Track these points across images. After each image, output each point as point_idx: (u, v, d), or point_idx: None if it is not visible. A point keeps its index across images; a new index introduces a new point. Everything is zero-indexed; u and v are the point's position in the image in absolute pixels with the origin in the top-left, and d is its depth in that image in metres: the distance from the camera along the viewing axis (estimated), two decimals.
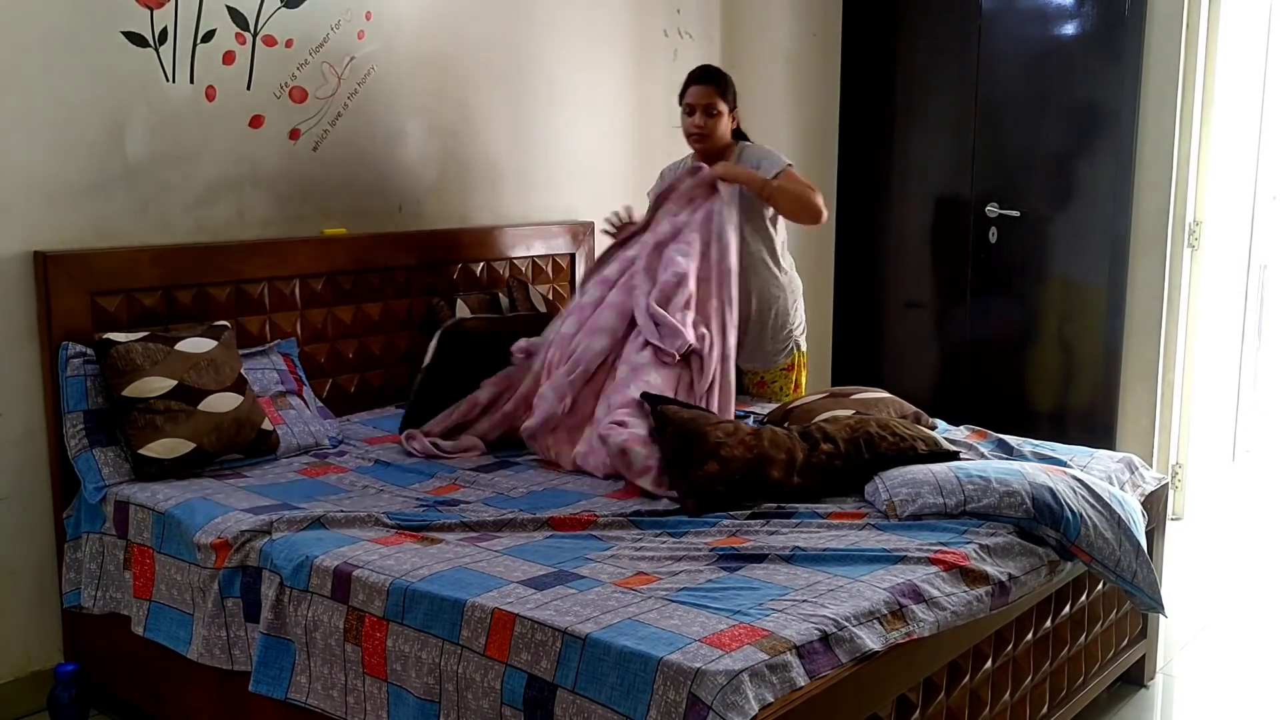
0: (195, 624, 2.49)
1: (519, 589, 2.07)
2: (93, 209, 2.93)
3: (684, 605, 1.99)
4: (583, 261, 4.22)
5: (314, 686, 2.25)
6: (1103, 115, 4.20)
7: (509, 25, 3.93)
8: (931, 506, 2.45)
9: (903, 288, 4.88)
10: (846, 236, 4.96)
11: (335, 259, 3.43)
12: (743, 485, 2.57)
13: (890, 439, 2.72)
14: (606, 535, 2.40)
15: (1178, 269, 4.14)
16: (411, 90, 3.65)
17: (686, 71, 3.63)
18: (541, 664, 1.89)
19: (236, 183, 3.23)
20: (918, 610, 2.06)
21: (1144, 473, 3.00)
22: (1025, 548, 2.39)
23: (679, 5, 4.57)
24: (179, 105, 3.07)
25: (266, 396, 3.06)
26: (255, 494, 2.67)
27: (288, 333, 3.33)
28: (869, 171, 4.89)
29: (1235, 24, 4.22)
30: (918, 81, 4.77)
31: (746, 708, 1.71)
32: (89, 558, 2.78)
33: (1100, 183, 4.23)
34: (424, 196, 3.74)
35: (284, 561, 2.31)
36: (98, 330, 2.89)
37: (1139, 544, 2.56)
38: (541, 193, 4.14)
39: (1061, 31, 4.31)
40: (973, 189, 4.55)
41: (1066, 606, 2.63)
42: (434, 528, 2.43)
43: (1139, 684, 3.07)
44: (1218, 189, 4.27)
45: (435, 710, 2.03)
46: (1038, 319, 4.48)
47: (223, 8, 3.13)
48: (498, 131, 3.95)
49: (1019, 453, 3.00)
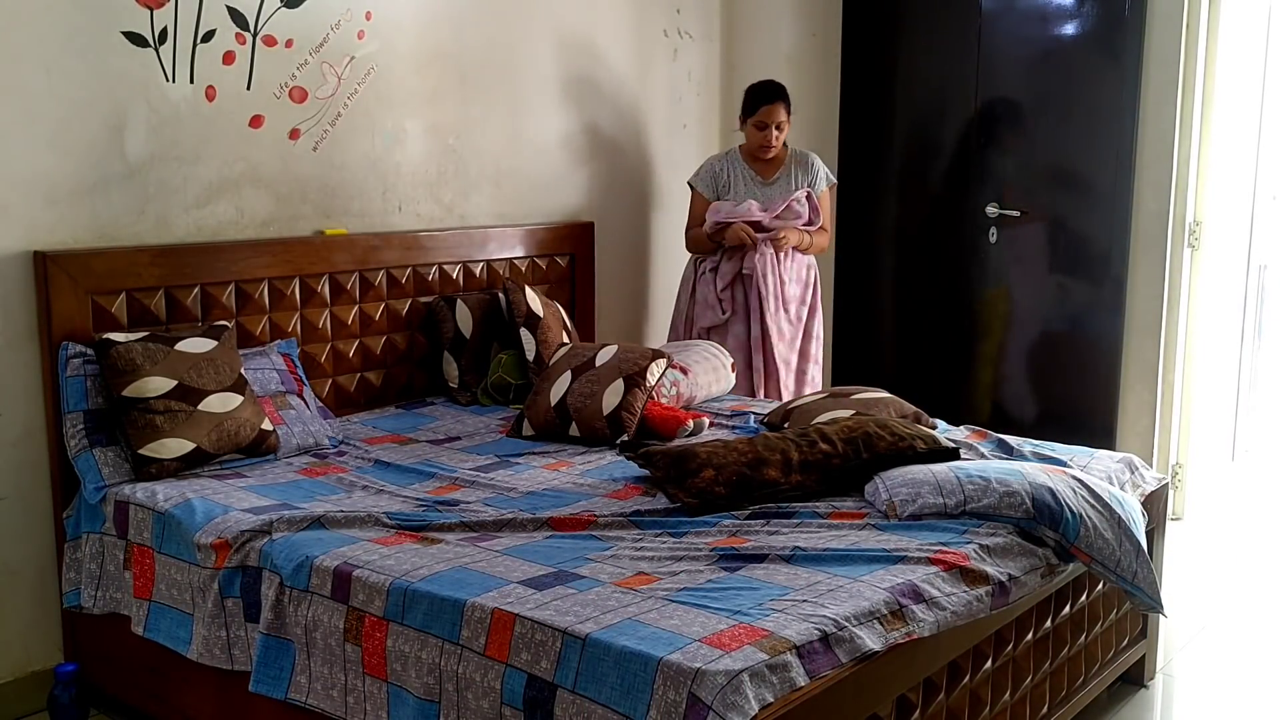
0: (195, 624, 2.49)
1: (519, 589, 2.07)
2: (93, 209, 2.93)
3: (684, 605, 1.99)
4: (582, 262, 4.22)
5: (314, 686, 2.25)
6: (1103, 115, 4.20)
7: (509, 25, 3.93)
8: (931, 506, 2.46)
9: (903, 288, 4.88)
10: (847, 236, 4.96)
11: (335, 259, 3.43)
12: (741, 485, 2.58)
13: (889, 438, 2.72)
14: (606, 535, 2.40)
15: (1178, 269, 4.14)
16: (411, 90, 3.65)
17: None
18: (541, 664, 1.89)
19: (236, 182, 3.23)
20: (918, 610, 2.06)
21: (1144, 473, 3.00)
22: (1025, 548, 2.39)
23: (679, 5, 4.57)
24: (179, 105, 3.07)
25: (266, 396, 3.06)
26: (255, 494, 2.66)
27: (288, 333, 3.33)
28: (869, 171, 4.89)
29: (1235, 24, 4.22)
30: (918, 81, 4.77)
31: (746, 708, 1.71)
32: (89, 558, 2.78)
33: (1100, 183, 4.23)
34: (424, 196, 3.74)
35: (284, 561, 2.31)
36: (98, 330, 2.89)
37: (1139, 544, 2.56)
38: (541, 193, 4.14)
39: (1061, 31, 4.30)
40: (973, 189, 4.55)
41: (1066, 606, 2.63)
42: (434, 528, 2.43)
43: (1139, 684, 3.07)
44: (1218, 189, 4.27)
45: (435, 710, 2.03)
46: (1037, 319, 4.48)
47: (223, 8, 3.13)
48: (497, 131, 3.95)
49: (1019, 453, 3.00)
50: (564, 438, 3.22)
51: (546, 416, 3.25)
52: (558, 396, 3.26)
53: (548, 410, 3.25)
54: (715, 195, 4.11)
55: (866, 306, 4.99)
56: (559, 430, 3.23)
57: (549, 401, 3.26)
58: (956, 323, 4.68)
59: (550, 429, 3.24)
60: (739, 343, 4.06)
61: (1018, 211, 4.44)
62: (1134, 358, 4.21)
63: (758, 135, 3.99)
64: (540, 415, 3.26)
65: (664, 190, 4.64)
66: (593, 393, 3.22)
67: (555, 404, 3.25)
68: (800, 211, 4.02)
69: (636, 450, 2.82)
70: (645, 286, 4.66)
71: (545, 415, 3.25)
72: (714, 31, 4.76)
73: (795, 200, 4.00)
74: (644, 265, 4.64)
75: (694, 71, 4.67)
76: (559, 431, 3.23)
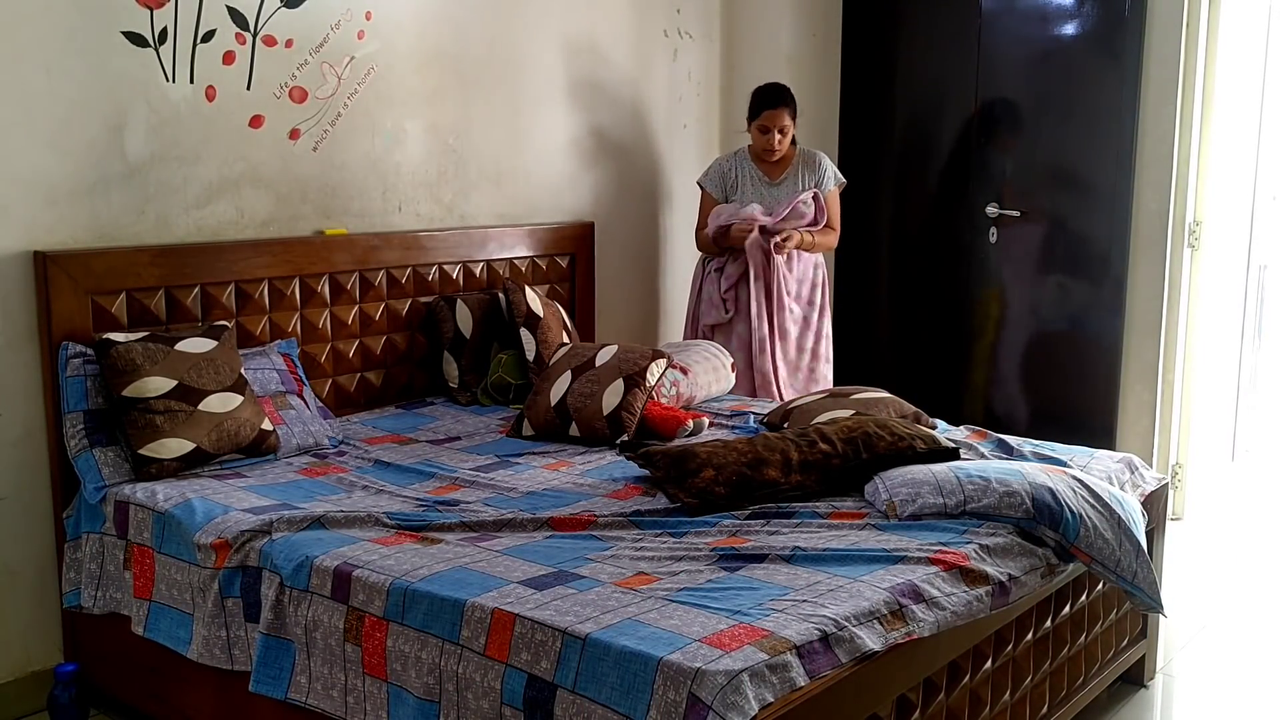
0: (195, 624, 2.49)
1: (519, 589, 2.07)
2: (93, 209, 2.93)
3: (684, 605, 1.99)
4: (582, 262, 4.22)
5: (314, 686, 2.25)
6: (1103, 115, 4.20)
7: (509, 25, 3.93)
8: (931, 506, 2.46)
9: (903, 288, 4.88)
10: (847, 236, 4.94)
11: (335, 259, 3.43)
12: (741, 485, 2.58)
13: (889, 438, 2.72)
14: (606, 535, 2.40)
15: (1178, 269, 4.14)
16: (411, 90, 3.65)
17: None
18: (541, 664, 1.89)
19: (236, 182, 3.23)
20: (918, 610, 2.06)
21: (1144, 473, 3.00)
22: (1025, 548, 2.39)
23: (679, 5, 4.57)
24: (179, 105, 3.07)
25: (266, 396, 3.06)
26: (255, 494, 2.66)
27: (288, 333, 3.33)
28: (869, 171, 4.89)
29: (1235, 24, 4.22)
30: (918, 82, 4.77)
31: (746, 708, 1.71)
32: (89, 558, 2.78)
33: (1100, 183, 4.23)
34: (424, 196, 3.74)
35: (284, 561, 2.31)
36: (98, 330, 2.89)
37: (1139, 544, 2.56)
38: (541, 193, 4.14)
39: (1061, 31, 4.30)
40: (972, 189, 4.55)
41: (1066, 606, 2.63)
42: (434, 528, 2.43)
43: (1139, 684, 3.07)
44: (1218, 189, 4.27)
45: (435, 710, 2.03)
46: (1037, 319, 4.48)
47: (223, 8, 3.13)
48: (497, 131, 3.95)
49: (1019, 453, 3.00)
50: (564, 438, 3.22)
51: (546, 416, 3.25)
52: (558, 396, 3.26)
53: (547, 410, 3.25)
54: (724, 195, 4.13)
55: (866, 306, 4.99)
56: (559, 430, 3.23)
57: (549, 401, 3.26)
58: (956, 322, 4.68)
59: (550, 429, 3.24)
60: (741, 342, 4.07)
61: (1017, 211, 4.44)
62: (1134, 358, 4.21)
63: (761, 138, 4.01)
64: (540, 415, 3.26)
65: (665, 190, 4.64)
66: (592, 393, 3.22)
67: (555, 404, 3.25)
68: (805, 213, 4.03)
69: (636, 450, 2.82)
70: (646, 286, 4.65)
71: (545, 415, 3.25)
72: (714, 31, 4.76)
73: (801, 201, 4.00)
74: (644, 265, 4.64)
75: (694, 71, 4.67)
76: (559, 431, 3.23)
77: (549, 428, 3.24)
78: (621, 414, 3.18)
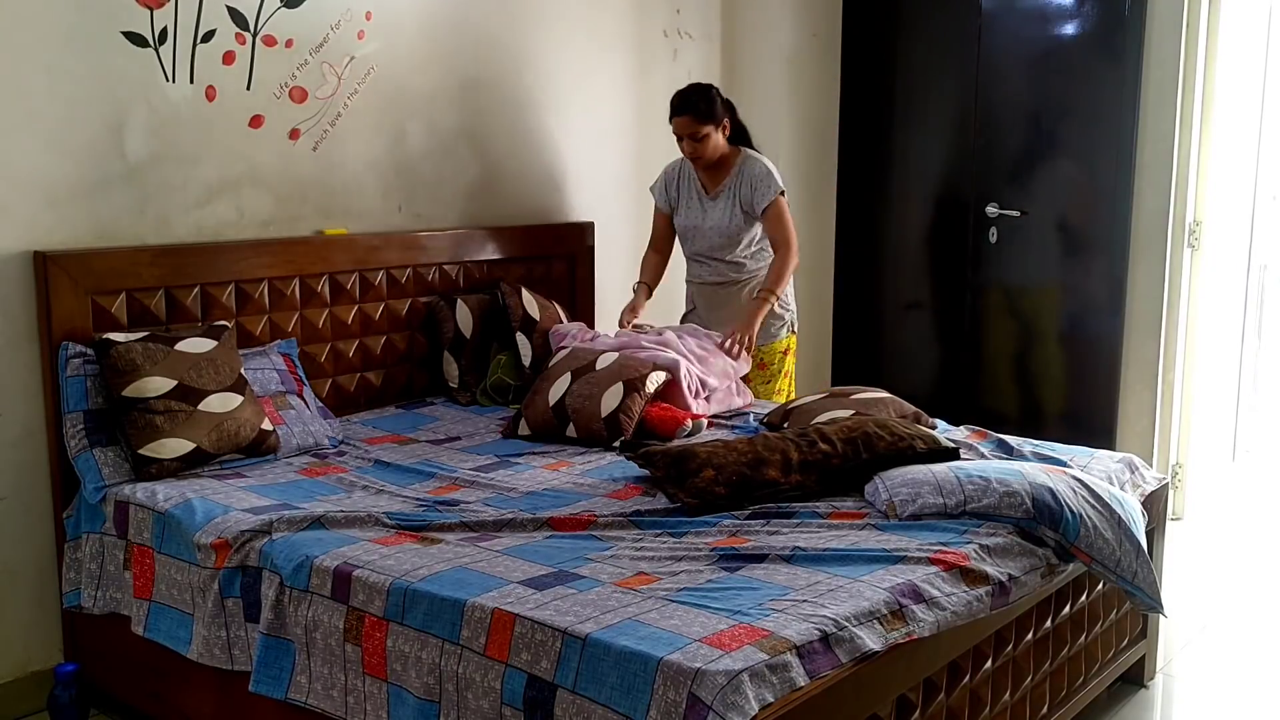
0: (195, 624, 2.49)
1: (519, 589, 2.07)
2: (92, 209, 2.93)
3: (684, 605, 1.99)
4: (582, 262, 4.22)
5: (314, 686, 2.25)
6: (1103, 115, 4.20)
7: (509, 25, 3.93)
8: (931, 506, 2.45)
9: (902, 288, 4.88)
10: (846, 237, 4.96)
11: (335, 259, 3.43)
12: (741, 485, 2.58)
13: (889, 438, 2.72)
14: (606, 535, 2.40)
15: (1178, 269, 4.14)
16: (411, 90, 3.65)
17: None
18: (541, 664, 1.89)
19: (236, 182, 3.23)
20: (918, 610, 2.06)
21: (1144, 473, 3.00)
22: (1025, 548, 2.39)
23: (679, 5, 4.57)
24: (179, 105, 3.07)
25: (266, 396, 3.06)
26: (255, 494, 2.66)
27: (288, 333, 3.33)
28: (869, 171, 4.89)
29: (1235, 24, 4.22)
30: (918, 81, 4.77)
31: (746, 708, 1.71)
32: (89, 558, 2.78)
33: (1100, 183, 4.23)
34: (424, 196, 3.74)
35: (284, 561, 2.31)
36: (98, 330, 2.89)
37: (1139, 544, 2.56)
38: (541, 193, 4.14)
39: (1061, 31, 4.30)
40: (973, 189, 4.55)
41: (1066, 607, 2.63)
42: (434, 528, 2.43)
43: (1139, 684, 3.07)
44: (1218, 189, 4.27)
45: (435, 710, 2.03)
46: (1037, 319, 4.48)
47: (223, 8, 3.13)
48: (497, 131, 3.95)
49: (1019, 453, 3.00)
50: (561, 438, 3.22)
51: (544, 416, 3.25)
52: (556, 397, 3.26)
53: (545, 410, 3.25)
54: (668, 207, 3.91)
55: (866, 306, 4.99)
56: (556, 431, 3.23)
57: (547, 401, 3.26)
58: (956, 322, 4.68)
59: (547, 429, 3.24)
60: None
61: (1017, 211, 4.44)
62: (1134, 358, 4.21)
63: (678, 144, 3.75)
64: (538, 415, 3.26)
65: None
66: (591, 394, 3.22)
67: (554, 404, 3.25)
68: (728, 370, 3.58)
69: (636, 450, 2.83)
70: None
71: (543, 415, 3.25)
72: (714, 31, 4.76)
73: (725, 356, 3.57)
74: None
75: (694, 71, 4.66)
76: (556, 432, 3.23)
77: (546, 428, 3.24)
78: (619, 416, 3.18)
